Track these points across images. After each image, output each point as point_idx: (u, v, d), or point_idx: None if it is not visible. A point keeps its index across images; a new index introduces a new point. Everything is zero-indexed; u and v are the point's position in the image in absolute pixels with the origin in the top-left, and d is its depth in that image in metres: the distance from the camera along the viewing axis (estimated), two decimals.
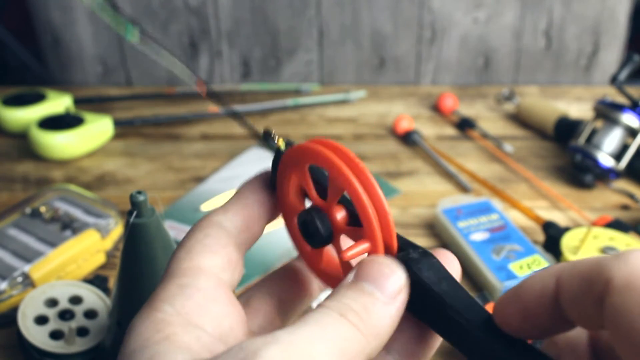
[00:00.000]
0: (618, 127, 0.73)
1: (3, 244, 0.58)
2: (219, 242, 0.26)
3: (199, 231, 0.26)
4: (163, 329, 0.22)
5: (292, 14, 0.99)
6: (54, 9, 0.98)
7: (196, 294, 0.24)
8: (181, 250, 0.26)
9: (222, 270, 0.25)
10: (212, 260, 0.25)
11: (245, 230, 0.27)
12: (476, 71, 1.04)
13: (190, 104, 0.94)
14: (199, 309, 0.23)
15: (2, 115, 0.84)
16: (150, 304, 0.24)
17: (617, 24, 1.00)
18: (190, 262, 0.25)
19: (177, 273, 0.25)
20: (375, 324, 0.23)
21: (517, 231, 0.61)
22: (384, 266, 0.24)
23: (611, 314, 0.20)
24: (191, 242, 0.26)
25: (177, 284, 0.24)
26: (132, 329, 0.23)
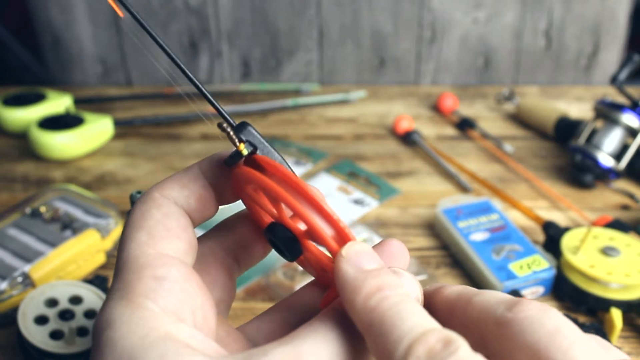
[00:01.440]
0: (618, 127, 0.73)
1: (3, 244, 0.58)
2: (180, 224, 0.25)
3: (155, 208, 0.25)
4: (158, 327, 0.21)
5: (292, 14, 0.99)
6: (54, 9, 0.98)
7: (174, 288, 0.23)
8: (141, 232, 0.24)
9: (185, 255, 0.25)
10: (176, 245, 0.24)
11: (197, 212, 0.26)
12: (476, 71, 1.04)
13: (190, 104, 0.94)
14: (179, 303, 0.23)
15: (2, 115, 0.84)
16: (129, 297, 0.22)
17: (617, 24, 1.00)
18: (155, 248, 0.24)
19: (146, 262, 0.23)
20: None
21: (517, 231, 0.61)
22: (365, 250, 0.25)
23: None
24: (151, 222, 0.25)
25: (152, 276, 0.23)
26: (113, 325, 0.21)
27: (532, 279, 0.55)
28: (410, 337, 0.20)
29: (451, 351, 0.20)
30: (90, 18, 0.98)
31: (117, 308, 0.22)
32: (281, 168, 0.25)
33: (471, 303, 0.25)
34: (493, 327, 0.23)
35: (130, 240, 0.24)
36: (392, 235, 0.65)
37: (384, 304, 0.22)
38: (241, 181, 0.26)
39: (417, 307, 0.22)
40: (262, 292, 0.57)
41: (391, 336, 0.21)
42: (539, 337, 0.22)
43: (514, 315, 0.23)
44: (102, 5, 0.97)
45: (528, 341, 0.22)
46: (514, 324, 0.23)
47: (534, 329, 0.22)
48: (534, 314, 0.23)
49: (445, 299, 0.26)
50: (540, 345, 0.22)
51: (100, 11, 0.98)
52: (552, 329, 0.22)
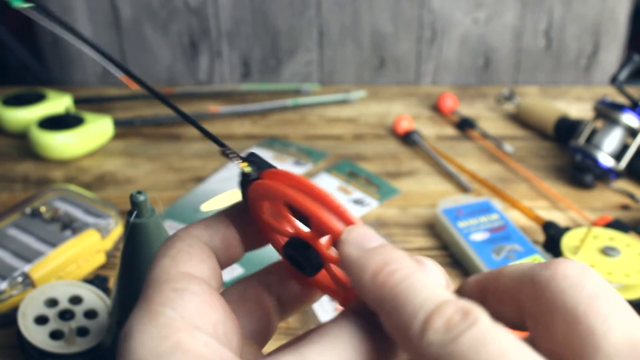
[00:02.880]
0: (618, 127, 0.73)
1: (3, 244, 0.58)
2: (203, 252, 0.25)
3: (180, 241, 0.26)
4: (169, 336, 0.21)
5: (292, 14, 0.99)
6: (54, 9, 0.97)
7: (194, 298, 0.23)
8: (165, 258, 0.25)
9: (210, 278, 0.25)
10: (200, 267, 0.25)
11: (222, 251, 0.27)
12: (476, 71, 1.04)
13: (190, 104, 0.94)
14: (199, 313, 0.23)
15: (2, 115, 0.84)
16: (148, 308, 0.22)
17: (617, 24, 1.00)
18: (177, 268, 0.24)
19: (167, 278, 0.24)
20: None
21: (517, 231, 0.61)
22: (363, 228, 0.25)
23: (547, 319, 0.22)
24: (174, 250, 0.25)
25: (172, 288, 0.23)
26: (131, 335, 0.21)
27: None
28: (426, 310, 0.20)
29: (471, 322, 0.19)
30: (90, 18, 0.98)
31: (135, 318, 0.22)
32: (293, 175, 0.25)
33: (502, 275, 0.24)
34: (529, 290, 0.23)
35: (155, 266, 0.25)
36: (392, 235, 0.65)
37: (393, 279, 0.21)
38: (257, 201, 0.26)
39: (428, 279, 0.21)
40: None
41: (405, 311, 0.20)
42: (578, 300, 0.21)
43: (552, 273, 0.22)
44: (102, 5, 0.97)
45: (567, 304, 0.21)
46: (551, 284, 0.22)
47: (573, 292, 0.21)
48: (573, 274, 0.22)
49: (472, 283, 0.26)
50: (579, 309, 0.21)
51: (100, 11, 0.98)
52: (591, 292, 0.21)
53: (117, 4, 0.97)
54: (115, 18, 0.98)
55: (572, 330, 0.21)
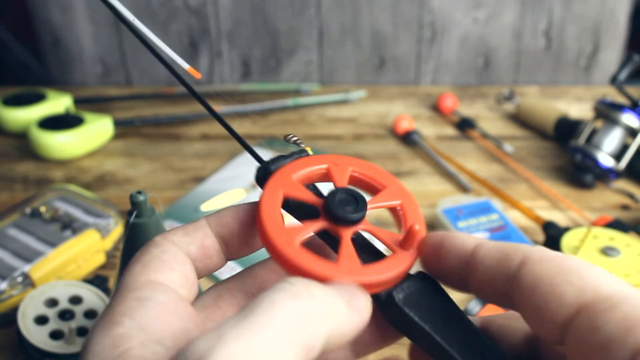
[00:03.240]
0: (618, 127, 0.73)
1: (3, 244, 0.58)
2: (176, 259, 0.25)
3: (155, 247, 0.25)
4: (119, 345, 0.21)
5: (292, 14, 0.99)
6: (54, 8, 0.98)
7: (156, 307, 0.23)
8: (136, 265, 0.25)
9: (180, 286, 0.25)
10: (169, 275, 0.24)
11: (199, 260, 0.26)
12: (476, 71, 1.04)
13: (190, 104, 0.94)
14: (159, 322, 0.22)
15: (2, 115, 0.84)
16: (108, 317, 0.22)
17: (617, 24, 1.00)
18: (147, 276, 0.24)
19: (133, 286, 0.24)
20: (336, 311, 0.22)
21: (517, 231, 0.61)
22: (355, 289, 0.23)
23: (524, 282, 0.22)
24: (147, 257, 0.25)
25: (135, 297, 0.23)
26: (89, 346, 0.22)
27: None
28: None
29: None
30: (90, 18, 0.98)
31: (95, 329, 0.22)
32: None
33: (478, 266, 0.24)
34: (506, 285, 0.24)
35: (126, 272, 0.25)
36: None
37: None
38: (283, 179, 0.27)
39: None
40: None
41: None
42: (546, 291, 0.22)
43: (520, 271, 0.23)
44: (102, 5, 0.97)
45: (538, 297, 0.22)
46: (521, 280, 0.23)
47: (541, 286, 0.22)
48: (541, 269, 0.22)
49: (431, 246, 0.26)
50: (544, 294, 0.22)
51: (100, 11, 0.97)
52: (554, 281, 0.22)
53: None
54: (115, 18, 0.98)
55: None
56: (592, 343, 0.20)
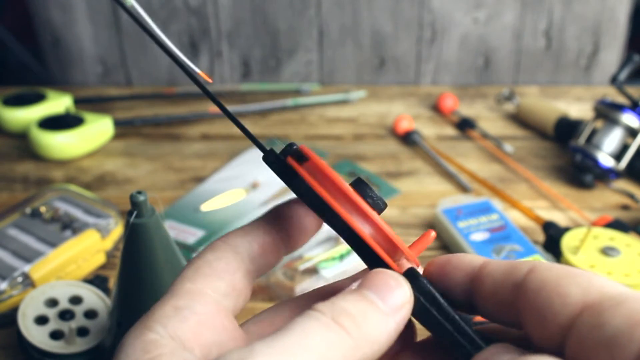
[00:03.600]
0: (618, 127, 0.73)
1: (3, 244, 0.58)
2: (228, 268, 0.26)
3: (211, 252, 0.26)
4: (151, 351, 0.22)
5: (292, 14, 0.99)
6: (54, 8, 0.98)
7: (191, 318, 0.23)
8: (189, 269, 0.25)
9: (224, 296, 0.25)
10: (215, 284, 0.25)
11: (260, 258, 0.27)
12: (476, 71, 1.04)
13: (190, 104, 0.94)
14: (191, 333, 0.23)
15: (2, 115, 0.84)
16: (144, 322, 0.23)
17: (617, 24, 1.00)
18: (194, 284, 0.25)
19: (177, 293, 0.24)
20: (371, 332, 0.22)
21: (517, 231, 0.61)
22: (390, 278, 0.24)
23: (530, 286, 0.23)
24: (200, 262, 0.25)
25: (174, 305, 0.24)
26: (122, 347, 0.23)
27: None
28: None
29: None
30: (90, 18, 0.98)
31: (131, 332, 0.23)
32: (321, 164, 0.26)
33: (485, 280, 0.25)
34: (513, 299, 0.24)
35: (179, 274, 0.25)
36: None
37: None
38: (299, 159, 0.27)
39: None
40: (262, 292, 0.56)
41: None
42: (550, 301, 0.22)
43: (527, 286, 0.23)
44: (102, 5, 0.97)
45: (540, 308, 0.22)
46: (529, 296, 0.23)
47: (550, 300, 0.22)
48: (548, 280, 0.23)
49: (436, 268, 0.26)
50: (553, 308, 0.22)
51: (100, 11, 0.98)
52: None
53: None
54: (115, 18, 0.98)
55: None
56: (597, 340, 0.20)
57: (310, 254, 0.58)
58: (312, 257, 0.58)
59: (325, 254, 0.58)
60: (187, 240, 0.63)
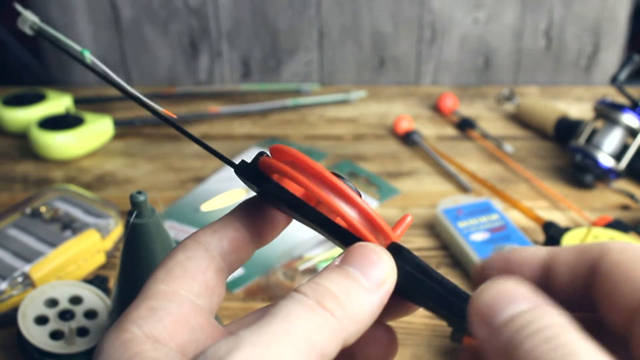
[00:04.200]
0: (618, 127, 0.73)
1: (3, 244, 0.58)
2: (199, 267, 0.25)
3: (182, 251, 0.26)
4: (131, 348, 0.22)
5: (292, 14, 0.99)
6: (54, 8, 0.98)
7: (166, 318, 0.23)
8: (161, 271, 0.25)
9: (198, 296, 0.25)
10: (188, 285, 0.25)
11: (231, 254, 0.27)
12: (476, 71, 1.04)
13: (190, 104, 0.94)
14: (166, 333, 0.23)
15: (2, 115, 0.84)
16: (119, 324, 0.23)
17: (617, 24, 1.00)
18: (167, 285, 0.25)
19: (150, 295, 0.24)
20: (355, 309, 0.22)
21: (517, 231, 0.61)
22: (372, 252, 0.24)
23: (602, 269, 0.22)
24: (172, 262, 0.25)
25: (148, 307, 0.24)
26: (100, 350, 0.23)
27: None
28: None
29: None
30: (90, 18, 0.98)
31: (107, 335, 0.23)
32: (300, 155, 0.25)
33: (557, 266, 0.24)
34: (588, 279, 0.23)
35: (151, 276, 0.25)
36: None
37: None
38: (269, 170, 0.27)
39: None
40: (262, 292, 0.56)
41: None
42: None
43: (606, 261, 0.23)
44: (102, 5, 0.97)
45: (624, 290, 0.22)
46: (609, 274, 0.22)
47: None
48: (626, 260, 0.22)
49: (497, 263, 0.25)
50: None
51: (100, 11, 0.98)
52: None
53: (117, 4, 0.97)
54: (115, 18, 0.98)
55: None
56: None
57: (310, 254, 0.58)
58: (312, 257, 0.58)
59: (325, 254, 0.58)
60: None
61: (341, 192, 0.25)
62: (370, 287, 0.23)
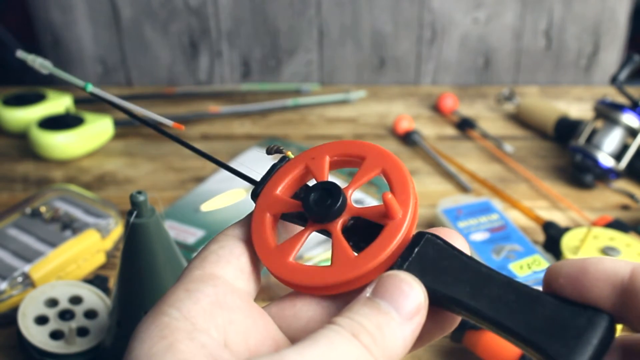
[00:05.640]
0: (618, 127, 0.73)
1: (3, 244, 0.58)
2: (233, 253, 0.26)
3: (214, 243, 0.27)
4: (167, 336, 0.22)
5: (292, 14, 0.99)
6: (54, 9, 0.98)
7: (203, 299, 0.24)
8: (195, 260, 0.26)
9: (235, 279, 0.25)
10: (224, 268, 0.25)
11: None
12: (476, 71, 1.04)
13: (190, 104, 0.94)
14: (204, 314, 0.23)
15: (2, 115, 0.84)
16: (157, 307, 0.23)
17: (617, 24, 1.00)
18: (203, 270, 0.25)
19: (187, 279, 0.25)
20: (389, 345, 0.22)
21: (517, 231, 0.61)
22: (403, 283, 0.23)
23: None
24: (205, 252, 0.26)
25: (185, 289, 0.24)
26: (137, 334, 0.23)
27: (532, 279, 0.55)
28: None
29: None
30: (90, 18, 0.98)
31: (145, 318, 0.23)
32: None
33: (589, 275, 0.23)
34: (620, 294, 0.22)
35: (186, 266, 0.26)
36: None
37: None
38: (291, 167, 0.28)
39: None
40: (262, 292, 0.56)
41: None
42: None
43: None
44: (102, 5, 0.97)
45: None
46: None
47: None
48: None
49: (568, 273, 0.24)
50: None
51: (100, 11, 0.98)
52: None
53: (117, 4, 0.97)
54: (115, 18, 0.98)
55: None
56: None
57: (310, 254, 0.58)
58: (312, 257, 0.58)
59: (325, 254, 0.58)
60: (187, 240, 0.63)
61: None
62: (403, 321, 0.23)
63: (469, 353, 0.50)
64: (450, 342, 0.50)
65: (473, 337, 0.48)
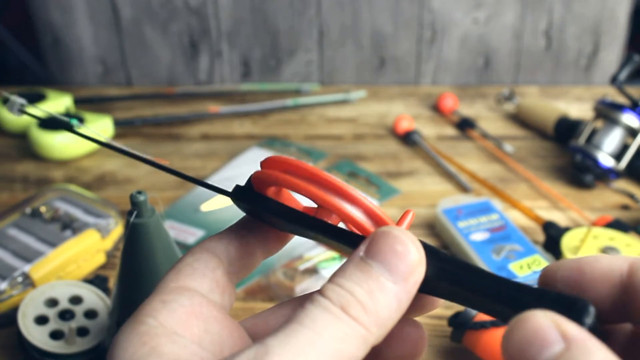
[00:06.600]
0: (618, 127, 0.73)
1: (3, 244, 0.58)
2: (208, 266, 0.26)
3: (190, 255, 0.27)
4: (148, 341, 0.22)
5: (292, 14, 0.99)
6: (54, 9, 0.98)
7: (179, 309, 0.24)
8: (170, 272, 0.26)
9: (209, 292, 0.25)
10: (198, 281, 0.25)
11: (237, 261, 0.27)
12: (476, 71, 1.04)
13: (190, 104, 0.94)
14: (181, 322, 0.23)
15: (2, 115, 0.84)
16: (134, 318, 0.24)
17: (617, 24, 1.00)
18: (177, 282, 0.25)
19: (162, 291, 0.25)
20: (380, 311, 0.21)
21: (517, 231, 0.61)
22: (396, 243, 0.22)
23: None
24: (181, 264, 0.26)
25: (161, 300, 0.24)
26: (116, 344, 0.23)
27: (532, 279, 0.55)
28: None
29: None
30: (90, 18, 0.98)
31: (123, 328, 0.23)
32: (294, 161, 0.25)
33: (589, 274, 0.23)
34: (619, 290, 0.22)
35: (162, 278, 0.26)
36: None
37: None
38: (264, 185, 0.27)
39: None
40: (262, 292, 0.56)
41: None
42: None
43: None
44: (102, 5, 0.97)
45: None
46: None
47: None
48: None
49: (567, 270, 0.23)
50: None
51: (100, 11, 0.98)
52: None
53: (117, 4, 0.97)
54: (115, 18, 0.98)
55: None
56: None
57: (310, 254, 0.58)
58: (312, 257, 0.58)
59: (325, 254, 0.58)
60: (187, 240, 0.63)
61: (343, 192, 0.24)
62: (395, 282, 0.22)
63: (469, 353, 0.50)
64: (450, 342, 0.50)
65: (473, 337, 0.48)
